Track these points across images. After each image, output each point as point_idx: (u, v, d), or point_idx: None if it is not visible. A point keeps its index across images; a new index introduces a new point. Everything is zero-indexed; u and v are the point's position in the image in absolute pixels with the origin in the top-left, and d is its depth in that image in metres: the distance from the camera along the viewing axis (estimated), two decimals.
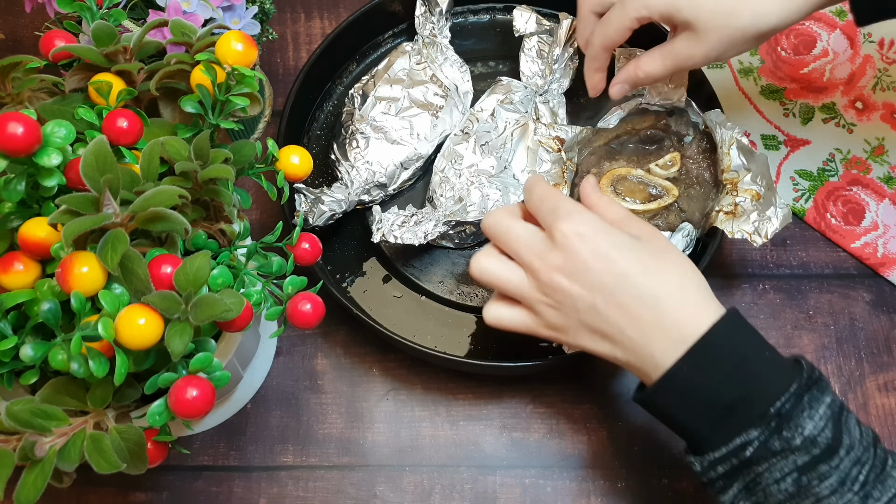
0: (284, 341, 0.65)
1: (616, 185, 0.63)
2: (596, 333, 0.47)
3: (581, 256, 0.46)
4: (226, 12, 0.58)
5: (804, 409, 0.43)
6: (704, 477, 0.46)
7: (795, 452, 0.42)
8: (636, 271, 0.46)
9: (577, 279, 0.46)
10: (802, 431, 0.42)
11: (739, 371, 0.44)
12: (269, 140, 0.48)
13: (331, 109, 0.71)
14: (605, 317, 0.46)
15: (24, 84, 0.46)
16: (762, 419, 0.43)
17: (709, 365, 0.45)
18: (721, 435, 0.44)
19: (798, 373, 0.45)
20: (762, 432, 0.43)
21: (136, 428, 0.41)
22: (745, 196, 0.59)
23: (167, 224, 0.41)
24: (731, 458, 0.44)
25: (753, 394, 0.44)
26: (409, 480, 0.60)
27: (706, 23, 0.51)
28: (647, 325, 0.45)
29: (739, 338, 0.46)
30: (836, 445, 0.42)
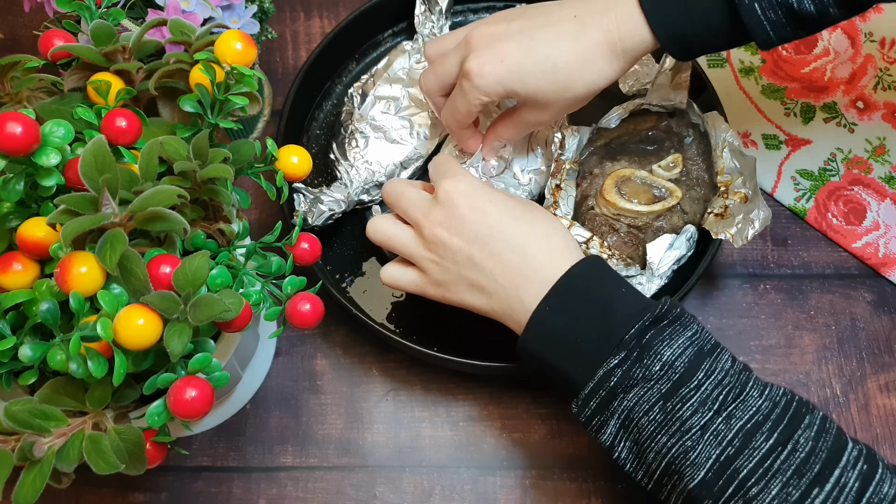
0: (284, 341, 0.65)
1: (620, 186, 0.63)
2: (474, 287, 0.51)
3: (459, 209, 0.51)
4: (225, 11, 0.58)
5: (664, 339, 0.45)
6: (581, 416, 0.47)
7: (658, 381, 0.44)
8: (507, 222, 0.50)
9: (455, 232, 0.50)
10: (661, 357, 0.44)
11: (597, 307, 0.47)
12: (268, 139, 0.48)
13: (330, 109, 0.71)
14: (481, 266, 0.50)
15: (23, 83, 0.46)
16: (620, 346, 0.45)
17: (569, 302, 0.47)
18: (588, 370, 0.46)
19: (657, 306, 0.46)
20: (623, 361, 0.45)
21: (134, 428, 0.41)
22: (734, 199, 0.59)
23: (166, 224, 0.41)
24: (599, 391, 0.46)
25: (613, 327, 0.46)
26: (408, 481, 0.60)
27: (545, 98, 0.54)
28: (516, 271, 0.49)
29: (598, 276, 0.48)
30: (693, 369, 0.44)
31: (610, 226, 0.62)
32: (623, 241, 0.62)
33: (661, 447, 0.44)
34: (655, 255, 0.59)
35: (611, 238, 0.62)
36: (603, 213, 0.63)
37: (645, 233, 0.62)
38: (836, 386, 0.63)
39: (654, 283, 0.58)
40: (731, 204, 0.59)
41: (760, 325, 0.66)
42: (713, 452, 0.42)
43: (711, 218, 0.60)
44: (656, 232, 0.62)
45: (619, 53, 0.53)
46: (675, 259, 0.59)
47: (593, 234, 0.61)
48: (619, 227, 0.62)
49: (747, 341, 0.65)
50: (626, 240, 0.62)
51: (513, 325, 0.51)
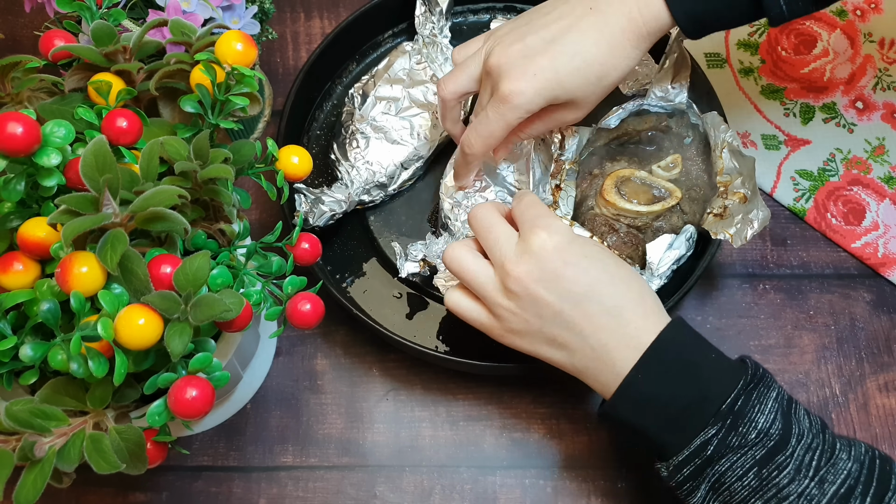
0: (284, 341, 0.65)
1: (620, 187, 0.63)
2: (556, 342, 0.49)
3: (552, 263, 0.48)
4: (225, 12, 0.58)
5: (755, 405, 0.45)
6: (672, 481, 0.47)
7: (753, 447, 0.44)
8: (604, 281, 0.48)
9: (546, 286, 0.48)
10: (756, 426, 0.45)
11: (689, 373, 0.47)
12: (268, 140, 0.48)
13: (330, 109, 0.71)
14: (570, 325, 0.48)
15: (24, 84, 0.46)
16: (717, 417, 0.45)
17: (661, 369, 0.47)
18: (681, 437, 0.46)
19: (744, 371, 0.47)
20: (719, 430, 0.45)
21: (135, 428, 0.41)
22: (733, 199, 0.59)
23: (167, 224, 0.41)
24: (694, 459, 0.46)
25: (706, 394, 0.46)
26: (408, 481, 0.60)
27: (584, 95, 0.55)
28: (610, 334, 0.47)
29: (685, 342, 0.48)
30: (787, 435, 0.45)
31: (610, 226, 0.62)
32: (623, 241, 0.62)
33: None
34: (655, 255, 0.59)
35: (610, 238, 0.62)
36: (603, 214, 0.63)
37: (644, 233, 0.63)
38: (836, 386, 0.64)
39: (654, 283, 0.58)
40: (731, 204, 0.59)
41: (760, 325, 0.66)
42: None
43: (711, 218, 0.60)
44: (656, 232, 0.62)
45: (644, 37, 0.53)
46: (674, 259, 0.59)
47: (593, 234, 0.61)
48: (618, 227, 0.62)
49: (747, 341, 0.65)
50: (626, 240, 0.62)
51: (593, 384, 0.49)
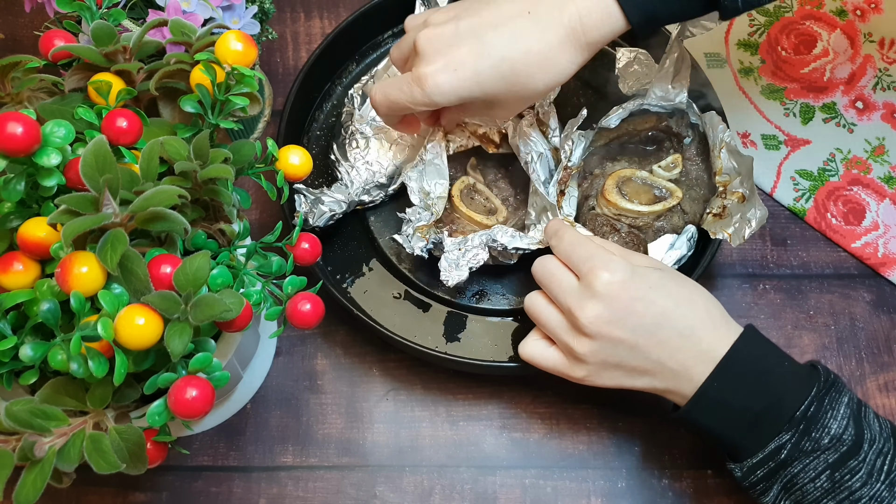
0: (284, 341, 0.65)
1: (621, 187, 0.63)
2: (635, 371, 0.50)
3: (622, 302, 0.49)
4: (225, 12, 0.58)
5: (827, 411, 0.47)
6: (745, 481, 0.49)
7: (825, 451, 0.46)
8: (671, 307, 0.49)
9: (618, 325, 0.49)
10: (829, 431, 0.47)
11: (764, 380, 0.48)
12: (268, 140, 0.48)
13: (330, 110, 0.71)
14: (647, 355, 0.49)
15: (24, 84, 0.46)
16: (791, 423, 0.47)
17: (735, 378, 0.48)
18: (756, 441, 0.48)
19: (816, 377, 0.49)
20: (793, 434, 0.47)
21: (135, 428, 0.41)
22: (732, 199, 0.59)
23: (167, 224, 0.41)
24: (768, 462, 0.48)
25: (779, 400, 0.48)
26: (408, 481, 0.60)
27: (504, 99, 0.53)
28: (687, 354, 0.49)
29: (759, 350, 0.50)
30: (860, 440, 0.47)
31: (611, 226, 0.62)
32: (624, 241, 0.62)
33: None
34: (656, 255, 0.59)
35: (612, 238, 0.62)
36: (604, 214, 0.63)
37: (646, 233, 0.62)
38: None
39: None
40: (729, 204, 0.59)
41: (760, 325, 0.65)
42: None
43: (710, 218, 0.60)
44: (657, 232, 0.62)
45: (583, 46, 0.51)
46: (675, 259, 0.59)
47: (594, 234, 0.61)
48: (620, 227, 0.62)
49: None
50: (628, 240, 0.62)
51: (670, 396, 0.51)
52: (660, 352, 0.49)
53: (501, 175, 0.66)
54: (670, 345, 0.49)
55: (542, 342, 0.54)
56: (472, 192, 0.64)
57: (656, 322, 0.49)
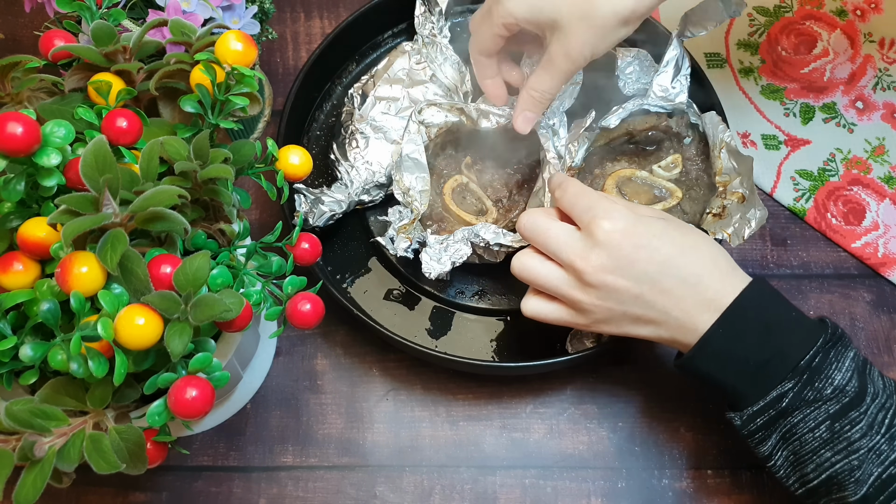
0: (284, 341, 0.65)
1: (621, 187, 0.63)
2: (640, 320, 0.50)
3: (624, 250, 0.48)
4: (225, 12, 0.58)
5: (833, 363, 0.47)
6: (744, 429, 0.49)
7: (827, 402, 0.46)
8: (675, 255, 0.49)
9: (621, 274, 0.48)
10: (832, 382, 0.46)
11: (770, 330, 0.48)
12: (268, 140, 0.48)
13: (330, 109, 0.71)
14: (651, 303, 0.49)
15: (24, 84, 0.46)
16: (794, 372, 0.47)
17: (741, 326, 0.48)
18: (758, 389, 0.48)
19: (823, 329, 0.48)
20: (795, 383, 0.47)
21: (135, 428, 0.41)
22: (732, 199, 0.59)
23: (166, 224, 0.41)
24: (769, 410, 0.48)
25: (784, 350, 0.48)
26: (408, 481, 0.60)
27: (569, 18, 0.52)
28: (691, 302, 0.49)
29: (767, 300, 0.49)
30: (862, 393, 0.47)
31: None
32: None
33: (824, 461, 0.46)
34: None
35: None
36: None
37: None
38: None
39: None
40: (729, 204, 0.59)
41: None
42: (876, 470, 0.45)
43: (709, 218, 0.60)
44: None
45: None
46: None
47: None
48: None
49: None
50: None
51: (676, 346, 0.51)
52: (664, 300, 0.49)
53: (499, 176, 0.66)
54: (674, 293, 0.48)
55: (541, 297, 0.53)
56: (465, 192, 0.64)
57: (660, 270, 0.48)
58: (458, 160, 0.66)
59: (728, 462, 0.61)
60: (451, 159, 0.66)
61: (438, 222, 0.63)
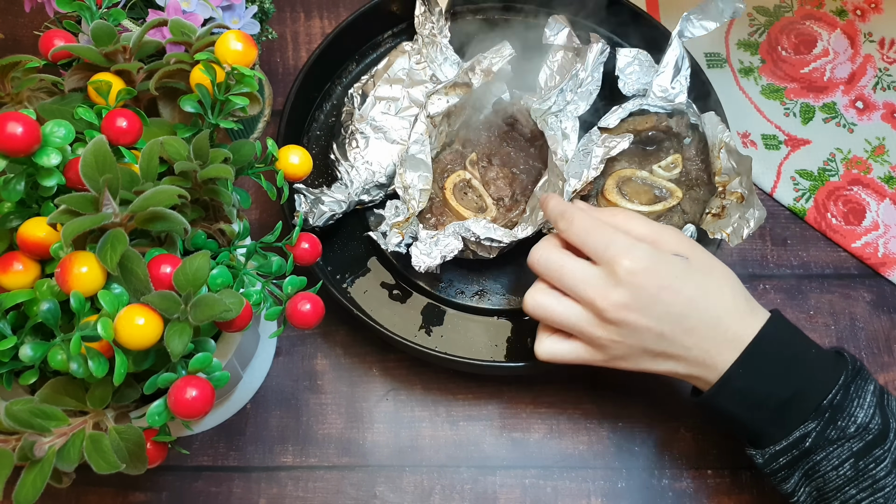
0: (284, 341, 0.65)
1: (621, 187, 0.63)
2: (659, 357, 0.50)
3: (647, 290, 0.48)
4: (225, 12, 0.58)
5: (854, 399, 0.47)
6: (767, 468, 0.49)
7: (851, 440, 0.46)
8: (699, 296, 0.48)
9: (645, 313, 0.48)
10: (856, 420, 0.46)
11: (790, 368, 0.48)
12: (268, 140, 0.48)
13: (330, 109, 0.71)
14: (672, 341, 0.49)
15: (24, 84, 0.46)
16: (817, 412, 0.47)
17: (762, 365, 0.48)
18: (780, 428, 0.48)
19: (843, 365, 0.48)
20: (818, 423, 0.47)
21: (135, 428, 0.41)
22: (731, 199, 0.59)
23: (166, 224, 0.41)
24: (792, 450, 0.48)
25: (806, 389, 0.47)
26: (408, 481, 0.60)
27: None
28: (713, 342, 0.48)
29: (786, 336, 0.49)
30: (885, 430, 0.46)
31: None
32: None
33: (849, 499, 0.47)
34: None
35: None
36: None
37: None
38: None
39: None
40: (728, 204, 0.59)
41: None
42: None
43: (709, 218, 0.60)
44: None
45: None
46: None
47: None
48: None
49: None
50: None
51: (693, 381, 0.51)
52: (686, 339, 0.48)
53: (503, 175, 0.66)
54: (697, 333, 0.48)
55: (556, 337, 0.52)
56: (466, 188, 0.64)
57: (683, 311, 0.48)
58: (464, 156, 0.66)
59: (728, 462, 0.61)
60: (457, 154, 0.66)
61: (437, 216, 0.64)
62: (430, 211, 0.64)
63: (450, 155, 0.66)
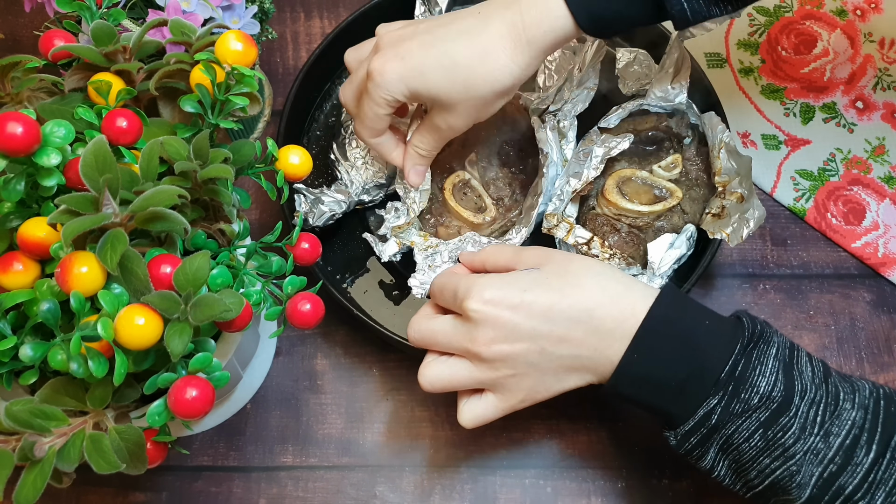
0: (284, 341, 0.65)
1: (621, 187, 0.63)
2: (559, 373, 0.48)
3: (501, 318, 0.47)
4: (225, 12, 0.58)
5: (755, 367, 0.45)
6: (681, 449, 0.48)
7: (756, 410, 0.45)
8: (555, 300, 0.47)
9: (512, 339, 0.47)
10: (758, 390, 0.45)
11: (685, 344, 0.46)
12: (268, 140, 0.48)
13: (330, 110, 0.71)
14: (557, 354, 0.47)
15: (24, 84, 0.46)
16: (717, 386, 0.45)
17: (654, 346, 0.46)
18: (685, 408, 0.46)
19: (740, 333, 0.46)
20: (721, 398, 0.45)
21: (135, 428, 0.41)
22: (731, 199, 0.59)
23: (166, 224, 0.41)
24: (700, 428, 0.46)
25: (704, 364, 0.46)
26: (408, 480, 0.60)
27: (448, 98, 0.53)
28: (594, 338, 0.47)
29: (676, 312, 0.47)
30: (790, 395, 0.45)
31: (611, 226, 0.62)
32: (624, 240, 0.62)
33: (765, 468, 0.45)
34: (656, 255, 0.59)
35: (612, 238, 0.62)
36: (604, 214, 0.63)
37: (646, 233, 0.63)
38: None
39: (655, 283, 0.58)
40: (728, 204, 0.59)
41: None
42: (816, 470, 0.44)
43: (709, 218, 0.60)
44: (657, 232, 0.62)
45: (523, 45, 0.51)
46: (675, 258, 0.59)
47: (594, 234, 0.61)
48: (620, 227, 0.62)
49: None
50: (628, 240, 0.62)
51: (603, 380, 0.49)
52: (567, 346, 0.47)
53: (502, 175, 0.66)
54: (573, 336, 0.47)
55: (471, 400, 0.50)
56: (466, 188, 0.64)
57: (545, 320, 0.47)
58: (463, 156, 0.66)
59: None
60: (456, 154, 0.66)
61: (437, 216, 0.64)
62: (429, 211, 0.64)
63: (449, 155, 0.66)
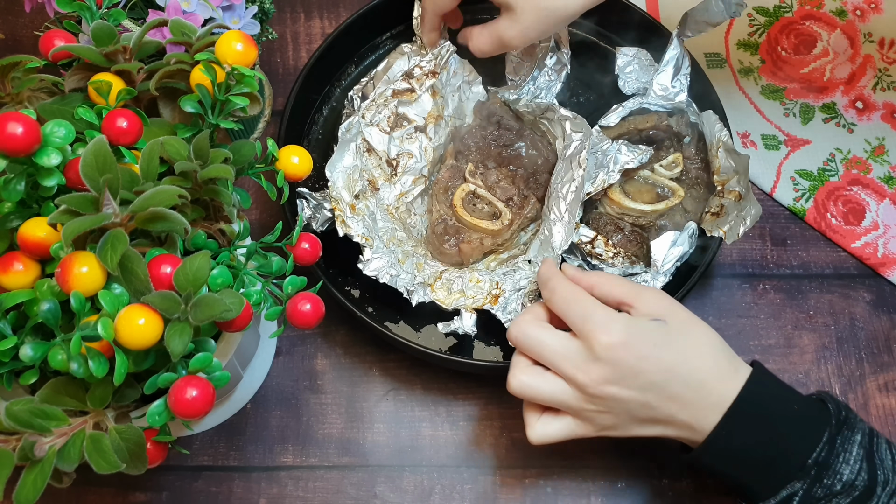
0: (284, 341, 0.65)
1: (624, 186, 0.63)
2: (647, 423, 0.50)
3: (627, 363, 0.47)
4: (225, 12, 0.58)
5: (839, 454, 0.46)
6: None
7: (838, 496, 0.46)
8: (679, 362, 0.48)
9: (626, 385, 0.48)
10: (841, 478, 0.46)
11: (773, 426, 0.48)
12: (268, 140, 0.48)
13: (330, 111, 0.71)
14: (658, 409, 0.48)
15: (24, 84, 0.46)
16: (802, 471, 0.46)
17: (745, 424, 0.48)
18: (768, 487, 0.47)
19: (827, 419, 0.48)
20: (804, 483, 0.46)
21: (135, 428, 0.41)
22: (729, 198, 0.59)
23: (167, 224, 0.41)
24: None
25: (790, 447, 0.47)
26: (409, 480, 0.60)
27: (524, 5, 0.57)
28: (698, 406, 0.48)
29: (767, 394, 0.49)
30: (872, 485, 0.46)
31: (615, 225, 0.62)
32: (628, 239, 0.62)
33: None
34: (659, 253, 0.59)
35: (616, 237, 0.62)
36: (608, 213, 0.63)
37: (648, 231, 0.63)
38: (836, 386, 0.64)
39: (658, 281, 0.59)
40: (727, 203, 0.59)
41: (760, 325, 0.66)
42: None
43: (708, 217, 0.60)
44: (660, 230, 0.62)
45: None
46: (677, 256, 0.59)
47: (598, 233, 0.61)
48: (623, 226, 0.62)
49: (746, 341, 0.65)
50: (631, 238, 0.62)
51: (685, 441, 0.50)
52: (671, 406, 0.48)
53: (502, 176, 0.66)
54: (681, 399, 0.48)
55: (545, 418, 0.51)
56: (474, 199, 0.64)
57: (664, 379, 0.48)
58: (461, 169, 0.65)
59: None
60: (454, 169, 0.65)
61: (455, 235, 0.63)
62: (445, 232, 0.63)
63: (447, 172, 0.65)
